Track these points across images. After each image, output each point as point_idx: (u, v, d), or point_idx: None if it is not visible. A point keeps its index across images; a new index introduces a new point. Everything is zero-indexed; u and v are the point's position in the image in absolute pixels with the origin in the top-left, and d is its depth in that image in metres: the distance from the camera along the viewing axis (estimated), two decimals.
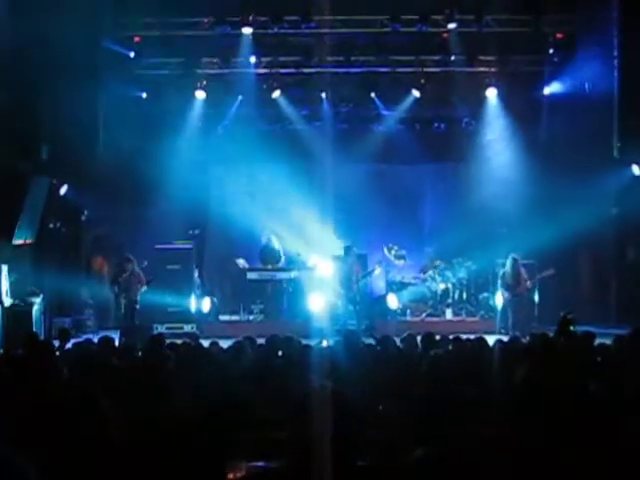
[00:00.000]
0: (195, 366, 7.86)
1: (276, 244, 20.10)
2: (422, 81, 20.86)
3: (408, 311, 19.62)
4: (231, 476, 5.11)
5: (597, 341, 9.44)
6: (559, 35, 19.83)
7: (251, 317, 19.59)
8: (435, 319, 19.28)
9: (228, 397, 6.55)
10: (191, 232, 20.77)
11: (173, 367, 7.95)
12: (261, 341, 9.98)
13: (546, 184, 18.95)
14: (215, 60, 20.56)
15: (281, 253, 20.08)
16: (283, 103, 21.18)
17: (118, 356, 9.09)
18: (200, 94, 20.86)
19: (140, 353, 9.53)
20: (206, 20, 19.62)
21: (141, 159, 19.60)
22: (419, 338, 9.93)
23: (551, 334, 9.66)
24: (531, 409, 4.92)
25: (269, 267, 19.84)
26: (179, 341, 10.23)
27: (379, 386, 6.84)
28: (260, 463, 4.92)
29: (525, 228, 19.06)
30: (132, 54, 19.79)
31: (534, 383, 5.66)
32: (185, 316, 18.75)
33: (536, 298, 18.60)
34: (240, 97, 21.08)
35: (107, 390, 5.39)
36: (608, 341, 9.30)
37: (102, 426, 3.64)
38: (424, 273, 20.28)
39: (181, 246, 19.39)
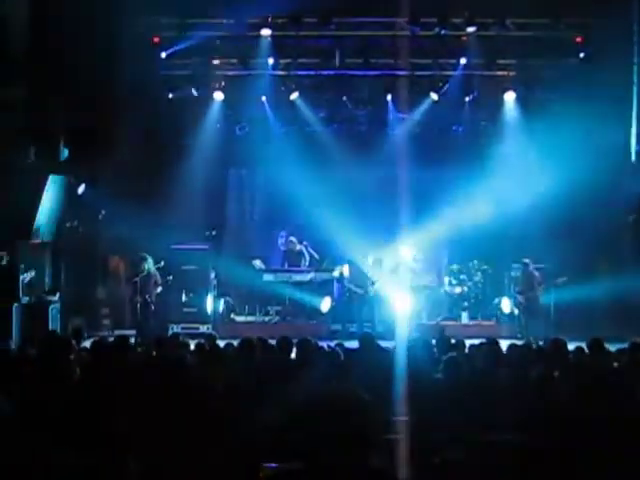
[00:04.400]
0: (209, 367, 7.86)
1: (297, 245, 20.05)
2: (440, 84, 20.82)
3: (424, 314, 19.55)
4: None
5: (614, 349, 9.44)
6: (578, 39, 19.73)
7: (267, 318, 19.63)
8: (451, 322, 19.21)
9: (240, 398, 6.57)
10: (208, 233, 20.77)
11: (188, 367, 7.95)
12: (274, 342, 9.97)
13: (563, 188, 18.83)
14: (234, 61, 20.56)
15: (305, 253, 20.00)
16: (301, 105, 21.16)
17: (132, 356, 9.12)
18: (218, 95, 20.87)
19: (155, 353, 9.53)
20: (225, 21, 19.61)
21: (159, 159, 19.64)
22: (434, 341, 9.92)
23: (566, 340, 9.59)
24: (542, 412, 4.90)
25: (292, 268, 19.77)
26: (194, 341, 10.23)
27: (395, 388, 6.84)
28: (273, 464, 4.93)
29: (542, 233, 18.99)
30: (163, 54, 19.64)
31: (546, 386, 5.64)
32: (201, 316, 18.77)
33: (552, 304, 18.49)
34: (258, 99, 21.07)
35: (121, 389, 5.41)
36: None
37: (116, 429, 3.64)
38: (440, 276, 20.24)
39: (197, 246, 19.41)
